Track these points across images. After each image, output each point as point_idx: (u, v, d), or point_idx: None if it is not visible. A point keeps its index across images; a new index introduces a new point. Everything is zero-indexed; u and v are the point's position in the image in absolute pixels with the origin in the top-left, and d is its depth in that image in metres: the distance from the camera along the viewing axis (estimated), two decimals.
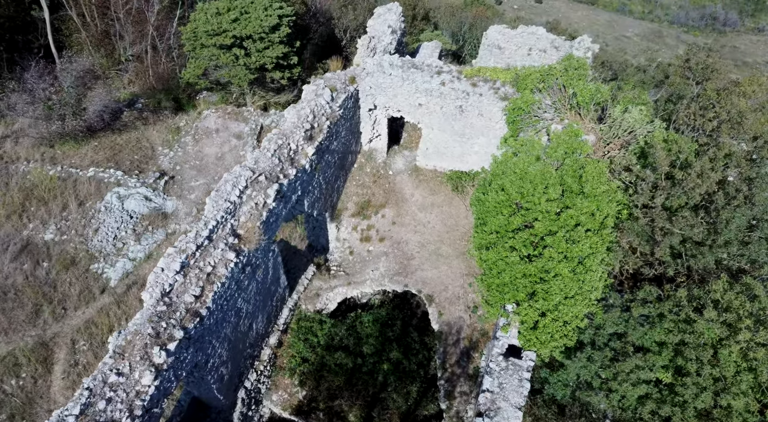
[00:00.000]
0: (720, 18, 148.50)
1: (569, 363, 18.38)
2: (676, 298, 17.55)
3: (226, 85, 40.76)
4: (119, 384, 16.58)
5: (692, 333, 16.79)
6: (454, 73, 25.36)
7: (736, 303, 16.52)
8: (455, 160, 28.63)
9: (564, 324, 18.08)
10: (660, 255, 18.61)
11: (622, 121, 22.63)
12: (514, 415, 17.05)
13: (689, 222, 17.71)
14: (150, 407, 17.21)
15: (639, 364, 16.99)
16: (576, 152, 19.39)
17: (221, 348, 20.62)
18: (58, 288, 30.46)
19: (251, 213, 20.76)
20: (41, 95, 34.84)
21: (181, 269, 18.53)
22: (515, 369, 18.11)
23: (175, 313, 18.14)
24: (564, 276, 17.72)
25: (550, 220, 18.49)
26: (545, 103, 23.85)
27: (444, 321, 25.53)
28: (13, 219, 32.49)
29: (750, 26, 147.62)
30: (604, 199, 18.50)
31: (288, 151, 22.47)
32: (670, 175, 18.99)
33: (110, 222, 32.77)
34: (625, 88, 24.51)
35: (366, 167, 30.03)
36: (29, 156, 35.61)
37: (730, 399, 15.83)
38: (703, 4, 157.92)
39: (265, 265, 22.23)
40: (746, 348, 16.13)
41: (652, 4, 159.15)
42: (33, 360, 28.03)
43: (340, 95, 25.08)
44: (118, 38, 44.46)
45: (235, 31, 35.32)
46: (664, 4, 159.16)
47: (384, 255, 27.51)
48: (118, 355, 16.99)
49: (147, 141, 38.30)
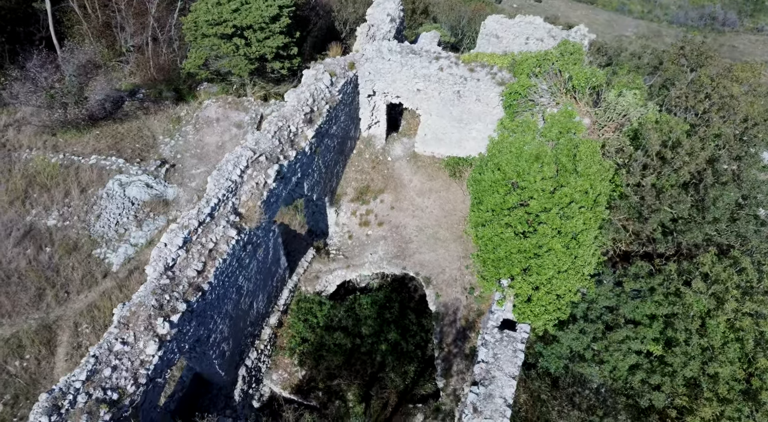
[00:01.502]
0: (719, 18, 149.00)
1: (562, 335, 18.91)
2: (666, 272, 18.08)
3: (226, 76, 41.27)
4: (124, 353, 17.09)
5: (681, 305, 17.28)
6: (452, 59, 25.91)
7: (724, 275, 17.06)
8: (453, 146, 29.16)
9: (557, 298, 18.61)
10: (650, 231, 19.12)
11: (617, 105, 23.15)
12: (508, 384, 17.57)
13: (676, 199, 18.23)
14: (154, 376, 17.73)
15: (629, 335, 17.51)
16: (570, 132, 19.91)
17: (223, 324, 21.13)
18: (61, 273, 30.93)
19: (252, 192, 21.27)
20: (43, 84, 35.33)
21: (183, 244, 19.05)
22: (509, 340, 18.64)
23: (178, 287, 18.65)
24: (557, 251, 18.25)
25: (544, 198, 19.01)
26: (541, 87, 24.38)
27: (441, 302, 26.05)
28: (16, 206, 32.96)
29: (749, 26, 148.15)
30: (597, 177, 19.03)
31: (288, 133, 22.98)
32: (660, 154, 19.51)
33: (112, 208, 33.25)
34: (620, 72, 25.01)
35: (365, 153, 30.56)
36: (32, 144, 36.08)
37: (717, 368, 16.35)
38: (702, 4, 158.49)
39: (266, 245, 22.74)
40: (733, 318, 16.64)
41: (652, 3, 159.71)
42: (36, 342, 28.47)
43: (339, 80, 25.61)
44: (119, 30, 44.93)
45: (235, 21, 35.83)
46: (663, 4, 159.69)
47: (382, 239, 28.04)
48: (122, 325, 17.50)
49: (148, 130, 38.81)
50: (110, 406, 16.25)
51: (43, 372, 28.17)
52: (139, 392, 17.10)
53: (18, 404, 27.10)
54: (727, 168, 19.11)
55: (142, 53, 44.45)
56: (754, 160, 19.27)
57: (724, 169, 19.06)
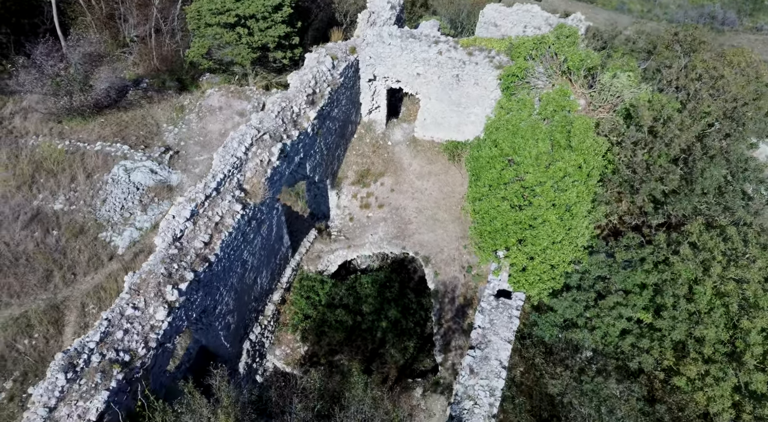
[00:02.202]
0: (718, 17, 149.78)
1: (556, 303, 19.70)
2: (656, 241, 18.86)
3: (228, 66, 42.11)
4: (135, 318, 17.89)
5: (670, 272, 18.08)
6: (450, 43, 26.71)
7: (711, 243, 17.86)
8: (452, 130, 29.95)
9: (552, 268, 19.40)
10: (641, 202, 19.92)
11: (611, 87, 23.94)
12: (504, 347, 18.37)
13: (666, 170, 19.01)
14: (163, 341, 18.52)
15: (620, 302, 18.30)
16: (565, 109, 20.71)
17: (228, 297, 21.93)
18: (68, 255, 31.71)
19: (256, 169, 22.06)
20: (49, 71, 36.13)
21: (191, 216, 19.85)
22: (505, 307, 19.45)
23: (186, 257, 19.45)
24: (552, 223, 19.04)
25: (539, 172, 19.82)
26: (538, 70, 25.17)
27: (440, 280, 26.83)
28: (24, 190, 33.73)
29: (748, 25, 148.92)
30: (590, 152, 19.84)
31: (291, 114, 23.78)
32: (652, 129, 20.30)
33: (117, 193, 34.03)
34: (614, 55, 25.79)
35: (366, 138, 31.37)
36: (38, 130, 36.87)
37: (703, 330, 17.13)
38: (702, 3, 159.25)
39: (270, 222, 23.53)
40: (719, 282, 17.43)
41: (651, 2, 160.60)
42: (45, 322, 29.20)
43: (341, 63, 26.41)
44: (122, 21, 45.74)
45: (238, 11, 36.67)
46: (663, 3, 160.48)
47: (383, 221, 28.84)
48: (133, 291, 18.30)
49: (152, 118, 39.59)
50: (122, 367, 17.05)
51: (51, 351, 28.90)
52: (149, 355, 17.88)
53: (27, 381, 27.85)
54: (717, 143, 19.88)
55: (145, 44, 45.26)
56: (742, 135, 20.06)
57: (713, 144, 19.84)
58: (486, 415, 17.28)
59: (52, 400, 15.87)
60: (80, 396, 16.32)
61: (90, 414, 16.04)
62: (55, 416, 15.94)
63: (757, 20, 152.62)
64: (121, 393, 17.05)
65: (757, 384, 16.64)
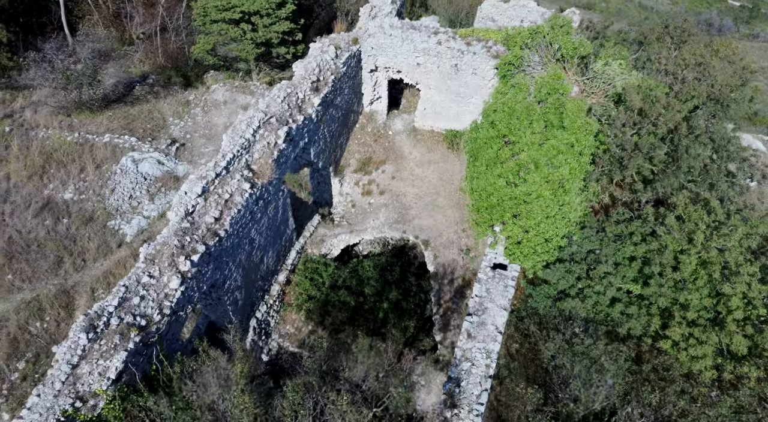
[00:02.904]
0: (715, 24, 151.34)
1: (549, 273, 20.81)
2: (644, 214, 20.01)
3: (232, 63, 43.40)
4: (151, 285, 19.01)
5: (657, 243, 19.22)
6: (449, 34, 27.98)
7: (695, 216, 19.01)
8: (451, 120, 31.15)
9: (545, 241, 20.55)
10: (630, 179, 21.07)
11: (603, 74, 25.17)
12: (500, 314, 19.49)
13: (652, 146, 20.17)
14: (176, 310, 19.64)
15: (609, 271, 19.40)
16: (558, 92, 21.91)
17: (236, 273, 23.04)
18: (78, 242, 32.81)
19: (264, 151, 23.25)
20: (60, 66, 37.37)
21: (202, 193, 21.02)
22: (501, 277, 20.59)
23: (198, 231, 20.60)
24: (545, 198, 20.21)
25: (534, 151, 21.01)
26: (533, 59, 26.37)
27: (439, 263, 27.93)
28: (35, 180, 34.88)
29: (745, 32, 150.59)
30: (582, 131, 21.04)
31: (296, 100, 25.00)
32: (641, 111, 21.47)
33: (125, 183, 35.19)
34: (606, 45, 27.02)
35: (367, 127, 32.58)
36: (48, 123, 38.07)
37: (687, 295, 18.24)
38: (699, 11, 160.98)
39: (276, 203, 24.68)
40: (702, 252, 18.56)
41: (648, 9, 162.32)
42: (56, 305, 30.24)
43: (343, 53, 27.66)
44: (128, 19, 47.04)
45: (243, 7, 38.00)
46: (660, 11, 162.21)
47: (384, 207, 29.99)
48: (149, 261, 19.45)
49: (158, 112, 40.81)
50: (139, 330, 18.17)
51: (62, 333, 29.90)
52: (163, 321, 18.98)
53: (39, 361, 28.84)
54: (702, 123, 21.05)
55: (151, 42, 46.55)
56: (726, 116, 21.23)
57: (698, 124, 21.02)
58: (483, 375, 18.37)
59: (74, 358, 16.98)
60: (101, 355, 17.42)
61: (110, 372, 17.13)
62: (77, 373, 17.04)
63: (753, 27, 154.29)
64: (138, 356, 18.14)
65: (737, 346, 17.72)
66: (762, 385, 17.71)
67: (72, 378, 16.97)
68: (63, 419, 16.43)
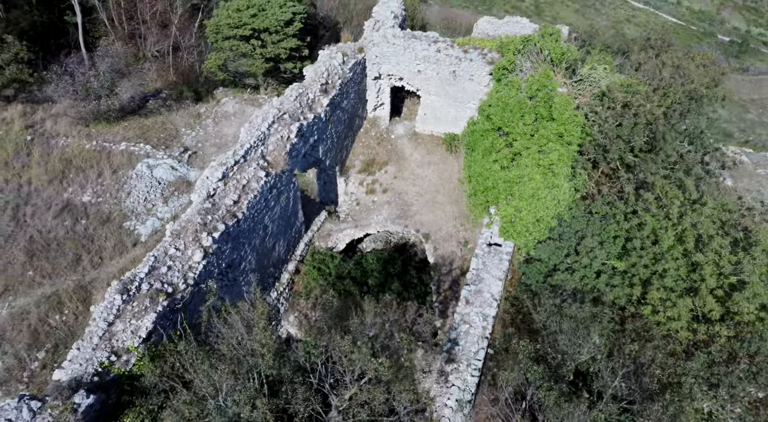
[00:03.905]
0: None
1: (541, 248, 22.80)
2: (626, 196, 22.16)
3: (242, 78, 46.04)
4: (176, 257, 21.01)
5: (638, 220, 21.33)
6: (448, 42, 30.56)
7: (671, 193, 21.14)
8: (450, 124, 33.51)
9: (537, 221, 22.61)
10: (613, 165, 23.27)
11: (589, 77, 27.63)
12: (495, 283, 21.43)
13: (632, 132, 22.42)
14: (198, 281, 21.57)
15: (594, 247, 21.42)
16: (547, 88, 24.28)
17: (251, 256, 25.02)
18: (95, 241, 34.82)
19: (278, 143, 25.49)
20: (80, 79, 39.90)
21: (222, 178, 23.17)
22: (496, 252, 22.60)
23: (218, 211, 22.69)
24: (536, 180, 22.40)
25: (525, 140, 23.26)
26: (525, 64, 28.87)
27: (439, 254, 29.91)
28: (55, 184, 37.06)
29: (735, 66, 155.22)
30: (569, 122, 23.32)
31: (307, 99, 27.38)
32: (624, 103, 23.80)
33: (141, 187, 37.36)
34: (592, 52, 29.51)
35: (371, 131, 34.94)
36: (67, 132, 40.44)
37: (665, 264, 20.24)
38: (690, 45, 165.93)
39: (287, 194, 26.81)
40: (677, 223, 20.63)
41: None
42: (74, 299, 32.04)
43: (350, 60, 30.18)
44: (143, 39, 49.91)
45: (253, 24, 40.81)
46: None
47: (387, 204, 32.11)
48: (175, 236, 21.49)
49: (171, 124, 43.25)
50: (167, 296, 20.07)
51: (80, 325, 31.66)
52: (187, 291, 20.92)
53: (58, 352, 30.52)
54: (677, 115, 23.36)
55: (164, 60, 49.33)
56: (699, 110, 23.55)
57: (674, 115, 23.32)
58: (480, 335, 20.20)
59: (110, 316, 18.88)
60: (133, 315, 19.31)
61: (141, 331, 19.00)
62: (112, 330, 18.92)
63: (743, 62, 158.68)
64: (164, 319, 20.02)
65: (710, 307, 19.61)
66: (731, 342, 19.57)
67: (108, 334, 18.82)
68: (100, 370, 18.23)
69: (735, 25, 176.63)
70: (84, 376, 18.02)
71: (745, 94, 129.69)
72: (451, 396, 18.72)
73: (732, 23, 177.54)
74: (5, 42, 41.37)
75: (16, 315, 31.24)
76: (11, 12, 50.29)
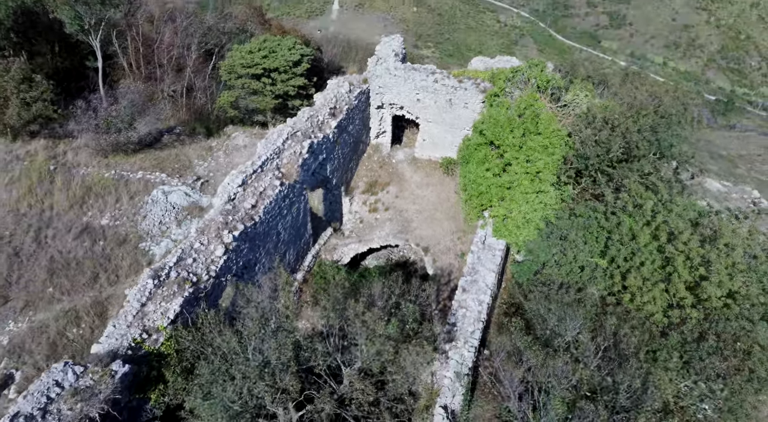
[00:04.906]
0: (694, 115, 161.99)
1: (531, 243, 25.19)
2: (605, 199, 24.77)
3: (251, 115, 49.37)
4: (201, 251, 23.35)
5: (617, 219, 23.87)
6: (444, 74, 33.86)
7: (645, 195, 23.77)
8: (447, 149, 36.45)
9: (526, 222, 25.11)
10: (593, 172, 25.97)
11: (572, 102, 30.75)
12: (489, 274, 23.69)
13: (609, 140, 25.23)
14: (219, 275, 23.83)
15: (578, 243, 23.84)
16: (533, 107, 27.28)
17: (265, 259, 27.31)
18: (112, 261, 37.00)
19: (291, 157, 28.24)
20: (102, 113, 43.13)
21: (242, 184, 25.77)
22: (490, 248, 24.95)
23: (238, 213, 25.17)
24: (525, 185, 25.07)
25: (515, 151, 26.05)
26: (515, 92, 32.04)
27: (438, 266, 32.18)
28: (75, 209, 39.57)
29: (723, 123, 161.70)
30: (554, 136, 26.18)
31: (317, 121, 30.33)
32: (603, 118, 26.75)
33: (156, 211, 39.86)
34: (575, 82, 32.75)
35: (374, 156, 37.83)
36: (87, 163, 43.29)
37: (641, 256, 22.63)
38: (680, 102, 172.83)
39: (298, 205, 29.36)
40: (651, 220, 23.15)
41: None
42: (92, 314, 33.96)
43: (355, 89, 33.39)
44: (159, 81, 53.60)
45: (264, 64, 44.44)
46: None
47: (389, 221, 34.61)
48: (200, 232, 23.86)
49: (185, 156, 46.21)
50: (192, 284, 22.28)
51: (97, 339, 33.42)
52: (209, 282, 23.15)
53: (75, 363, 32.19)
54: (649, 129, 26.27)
55: (176, 102, 52.86)
56: (669, 126, 26.47)
57: (646, 127, 26.22)
58: (476, 318, 22.30)
59: (143, 298, 21.07)
60: (163, 298, 21.49)
61: (169, 313, 21.15)
62: (144, 310, 21.05)
63: (730, 119, 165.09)
64: (189, 305, 22.14)
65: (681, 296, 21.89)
66: (701, 324, 21.74)
67: (140, 314, 20.96)
68: (133, 345, 20.27)
69: (720, 85, 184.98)
70: (119, 349, 20.07)
71: (734, 149, 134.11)
72: (450, 369, 20.69)
73: (717, 83, 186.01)
74: (34, 81, 44.76)
75: (35, 329, 33.10)
76: (35, 59, 54.28)
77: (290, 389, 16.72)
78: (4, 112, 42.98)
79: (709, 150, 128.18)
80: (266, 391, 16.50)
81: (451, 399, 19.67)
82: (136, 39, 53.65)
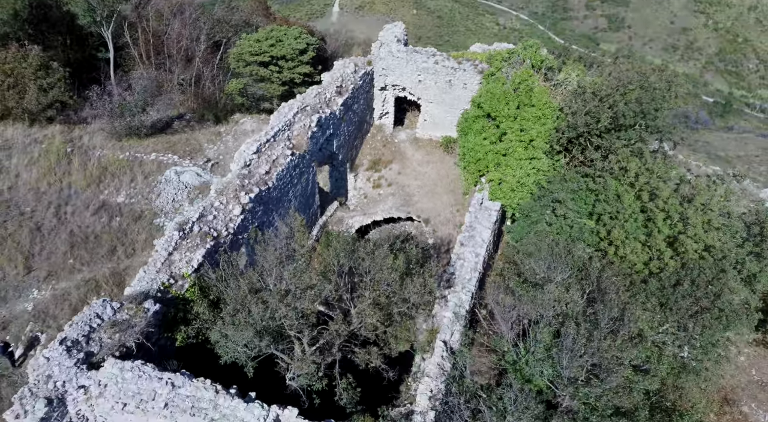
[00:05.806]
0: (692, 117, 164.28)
1: (524, 204, 27.37)
2: (594, 165, 26.99)
3: (258, 102, 51.59)
4: (220, 209, 25.51)
5: (604, 182, 26.06)
6: (444, 55, 36.10)
7: (631, 160, 25.96)
8: (446, 128, 38.63)
9: (520, 185, 27.29)
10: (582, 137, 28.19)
11: (564, 81, 32.96)
12: (485, 231, 25.89)
13: (598, 109, 27.40)
14: (236, 232, 25.95)
15: (567, 202, 26.01)
16: (527, 81, 29.49)
17: (278, 223, 29.39)
18: (128, 235, 39.16)
19: (301, 130, 30.43)
20: (117, 98, 45.36)
21: (256, 151, 27.95)
22: (486, 209, 27.14)
23: (253, 178, 27.34)
24: (519, 152, 27.24)
25: (510, 122, 28.25)
26: (510, 71, 34.25)
27: (437, 236, 34.33)
28: (92, 187, 41.75)
29: (721, 125, 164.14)
30: (546, 108, 28.38)
31: (324, 98, 32.56)
32: (592, 91, 28.94)
33: (169, 189, 42.05)
34: (567, 63, 34.95)
35: (377, 136, 40.05)
36: (102, 146, 45.52)
37: (625, 214, 24.82)
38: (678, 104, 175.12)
39: (307, 175, 31.53)
40: (635, 181, 25.35)
41: None
42: (111, 283, 36.04)
43: (360, 69, 35.63)
44: (169, 71, 55.83)
45: (272, 52, 46.70)
46: None
47: (391, 195, 36.79)
48: (219, 193, 26.02)
49: (195, 140, 48.45)
50: (212, 238, 24.42)
51: None
52: (228, 238, 25.28)
53: None
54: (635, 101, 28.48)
55: (185, 91, 55.06)
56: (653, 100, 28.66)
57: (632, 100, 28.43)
58: (472, 268, 24.51)
59: (170, 248, 23.22)
60: (187, 249, 23.65)
61: (193, 262, 23.31)
62: (171, 259, 23.19)
63: (728, 121, 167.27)
64: (210, 257, 24.26)
65: (660, 249, 24.06)
66: (678, 272, 23.92)
67: (168, 262, 23.09)
68: (162, 289, 22.39)
69: (718, 87, 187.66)
70: (149, 292, 22.19)
71: (732, 151, 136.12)
72: (449, 309, 22.83)
73: (715, 85, 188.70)
74: (50, 68, 46.98)
75: (58, 296, 35.23)
76: (47, 52, 56.43)
77: (308, 313, 18.86)
78: (23, 97, 45.06)
79: (707, 151, 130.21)
80: (285, 315, 18.64)
81: (450, 336, 21.81)
82: (146, 31, 55.91)
